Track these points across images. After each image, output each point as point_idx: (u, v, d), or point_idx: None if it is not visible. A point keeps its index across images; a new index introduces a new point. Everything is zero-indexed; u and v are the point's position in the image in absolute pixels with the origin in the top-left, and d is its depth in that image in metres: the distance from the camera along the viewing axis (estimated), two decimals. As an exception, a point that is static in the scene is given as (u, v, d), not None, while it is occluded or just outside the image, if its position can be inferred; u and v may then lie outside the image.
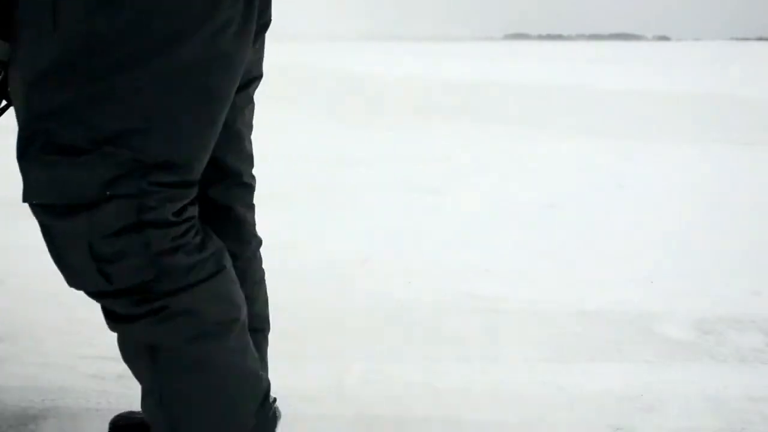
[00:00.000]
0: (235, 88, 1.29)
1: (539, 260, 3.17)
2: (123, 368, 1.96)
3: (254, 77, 1.47)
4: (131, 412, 1.69)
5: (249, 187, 1.51)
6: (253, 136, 1.51)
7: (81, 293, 1.49)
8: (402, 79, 14.42)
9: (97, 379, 1.95)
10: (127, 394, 1.86)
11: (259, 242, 1.55)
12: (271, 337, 1.61)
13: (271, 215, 3.85)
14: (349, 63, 19.83)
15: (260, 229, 1.56)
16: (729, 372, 2.13)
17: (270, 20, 1.42)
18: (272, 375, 1.94)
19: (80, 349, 2.11)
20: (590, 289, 2.79)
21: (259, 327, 1.53)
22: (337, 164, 5.38)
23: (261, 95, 1.63)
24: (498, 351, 2.23)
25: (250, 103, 1.49)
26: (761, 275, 3.00)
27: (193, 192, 1.26)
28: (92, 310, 1.56)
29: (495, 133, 7.28)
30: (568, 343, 2.30)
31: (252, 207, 1.53)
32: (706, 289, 2.82)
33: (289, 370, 2.03)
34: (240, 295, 1.33)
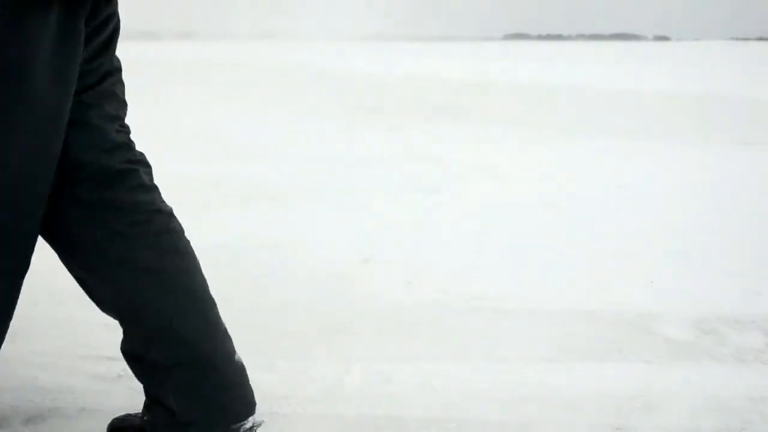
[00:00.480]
0: (65, 92, 1.28)
1: (539, 260, 3.17)
2: (123, 368, 1.96)
3: (106, 72, 1.44)
4: (129, 414, 1.69)
5: (128, 171, 1.47)
6: (254, 136, 1.51)
7: (80, 292, 1.49)
8: (402, 79, 14.41)
9: (97, 379, 1.95)
10: (127, 394, 1.86)
11: (168, 214, 1.51)
12: (271, 337, 1.61)
13: (271, 215, 3.86)
14: (349, 63, 19.83)
15: (261, 230, 1.56)
16: (729, 372, 2.13)
17: (114, 13, 1.39)
18: (272, 375, 1.94)
19: (80, 349, 2.11)
20: (590, 289, 2.79)
21: (195, 305, 1.50)
22: (337, 164, 5.38)
23: (261, 95, 1.63)
24: (498, 351, 2.23)
25: (112, 98, 1.46)
26: (761, 275, 3.00)
27: None
28: (92, 310, 1.56)
29: (495, 133, 7.28)
30: (568, 343, 2.30)
31: (143, 186, 1.48)
32: (706, 289, 2.82)
33: (289, 370, 2.02)
34: None
